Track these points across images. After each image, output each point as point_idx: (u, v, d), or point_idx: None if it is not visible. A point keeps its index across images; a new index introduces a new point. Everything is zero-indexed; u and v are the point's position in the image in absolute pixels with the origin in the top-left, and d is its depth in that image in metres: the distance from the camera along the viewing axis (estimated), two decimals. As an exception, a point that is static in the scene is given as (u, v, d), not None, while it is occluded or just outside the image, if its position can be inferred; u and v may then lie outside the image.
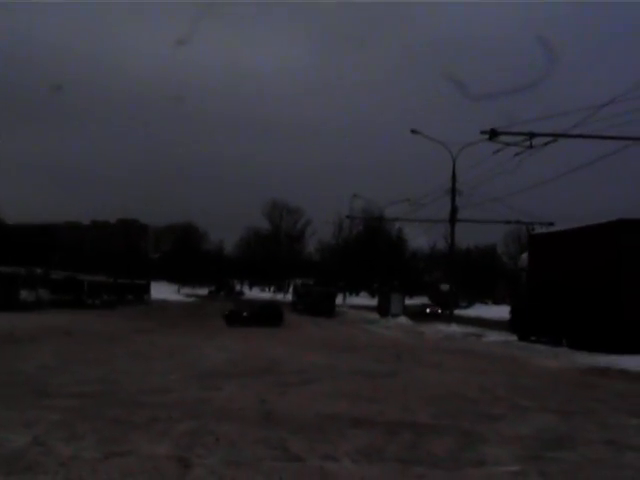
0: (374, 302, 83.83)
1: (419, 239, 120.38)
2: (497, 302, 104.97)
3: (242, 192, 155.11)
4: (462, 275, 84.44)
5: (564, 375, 19.98)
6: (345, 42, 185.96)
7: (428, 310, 73.46)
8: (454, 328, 43.99)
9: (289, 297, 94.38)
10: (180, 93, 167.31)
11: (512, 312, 37.05)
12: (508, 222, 52.75)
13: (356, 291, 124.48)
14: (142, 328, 32.18)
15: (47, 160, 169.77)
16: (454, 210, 47.66)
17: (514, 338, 34.35)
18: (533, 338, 32.97)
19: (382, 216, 78.01)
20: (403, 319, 54.42)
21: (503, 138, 26.26)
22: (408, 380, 16.71)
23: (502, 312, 65.24)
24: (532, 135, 25.66)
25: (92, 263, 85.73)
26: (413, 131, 47.87)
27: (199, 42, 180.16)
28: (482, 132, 25.86)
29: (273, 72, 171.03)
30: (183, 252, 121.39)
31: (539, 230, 43.72)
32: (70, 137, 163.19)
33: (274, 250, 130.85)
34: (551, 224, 45.22)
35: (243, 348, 24.27)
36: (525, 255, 36.53)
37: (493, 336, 37.35)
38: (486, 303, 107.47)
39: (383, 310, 61.99)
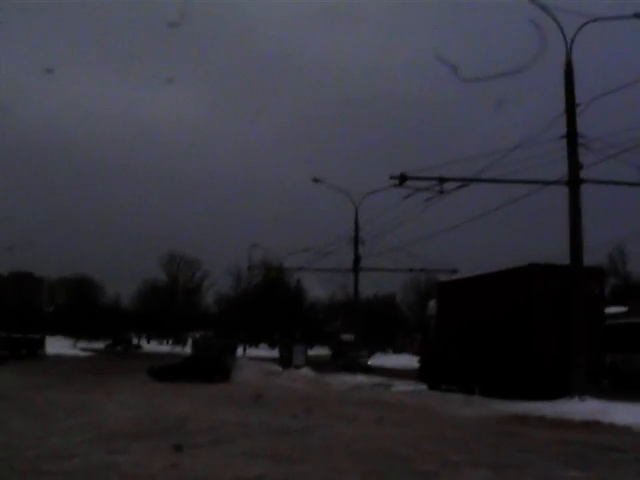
0: (274, 354, 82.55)
1: (317, 290, 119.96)
2: (397, 351, 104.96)
3: (138, 244, 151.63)
4: (364, 325, 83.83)
5: (485, 424, 19.33)
6: (245, 94, 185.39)
7: (370, 362, 59.50)
8: (360, 378, 43.26)
9: (187, 350, 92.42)
10: (69, 141, 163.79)
11: (421, 361, 36.42)
12: (411, 270, 52.24)
13: (255, 343, 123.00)
14: (37, 384, 30.43)
15: None
16: (357, 259, 47.24)
17: (424, 387, 33.74)
18: (444, 387, 32.39)
19: (282, 266, 76.79)
20: (307, 370, 53.41)
21: (412, 183, 25.67)
22: (327, 436, 15.76)
23: (403, 361, 65.53)
24: (442, 180, 25.15)
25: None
26: (315, 180, 47.48)
27: (84, 85, 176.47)
28: (391, 177, 25.22)
29: (166, 122, 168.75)
30: (78, 305, 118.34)
31: (443, 278, 43.51)
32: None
33: (171, 302, 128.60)
34: (455, 271, 45.01)
35: (146, 405, 22.98)
36: (433, 302, 36.08)
37: (402, 385, 36.72)
38: (386, 352, 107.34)
39: (285, 362, 60.81)
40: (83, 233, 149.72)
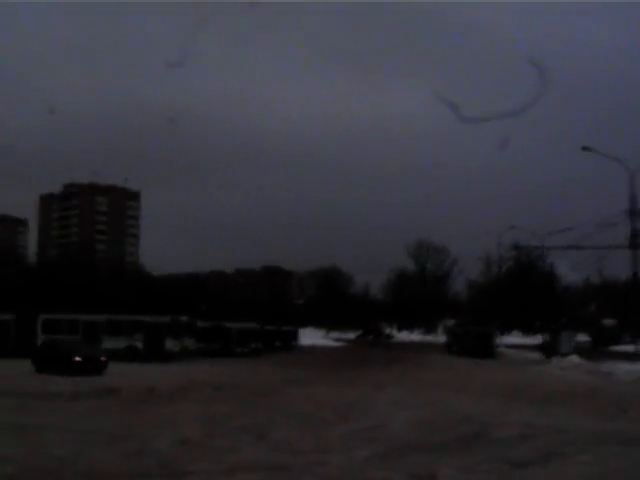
0: (529, 341, 78.60)
1: (570, 274, 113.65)
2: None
3: (386, 234, 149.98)
4: (623, 309, 77.66)
5: None
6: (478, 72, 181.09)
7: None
8: (644, 367, 38.33)
9: (439, 339, 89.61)
10: (315, 145, 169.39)
11: None
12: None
13: (508, 330, 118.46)
14: (296, 378, 28.28)
15: (191, 213, 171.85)
16: (635, 234, 42.44)
17: None
18: None
19: (544, 246, 71.01)
20: (575, 358, 49.13)
21: None
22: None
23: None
24: None
25: (238, 311, 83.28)
26: (585, 148, 42.89)
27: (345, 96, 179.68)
28: None
29: (403, 118, 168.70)
30: (328, 296, 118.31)
31: None
32: (212, 189, 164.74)
33: (420, 291, 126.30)
34: None
35: (423, 402, 19.89)
36: None
37: None
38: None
39: (549, 349, 56.56)
40: (331, 227, 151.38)
